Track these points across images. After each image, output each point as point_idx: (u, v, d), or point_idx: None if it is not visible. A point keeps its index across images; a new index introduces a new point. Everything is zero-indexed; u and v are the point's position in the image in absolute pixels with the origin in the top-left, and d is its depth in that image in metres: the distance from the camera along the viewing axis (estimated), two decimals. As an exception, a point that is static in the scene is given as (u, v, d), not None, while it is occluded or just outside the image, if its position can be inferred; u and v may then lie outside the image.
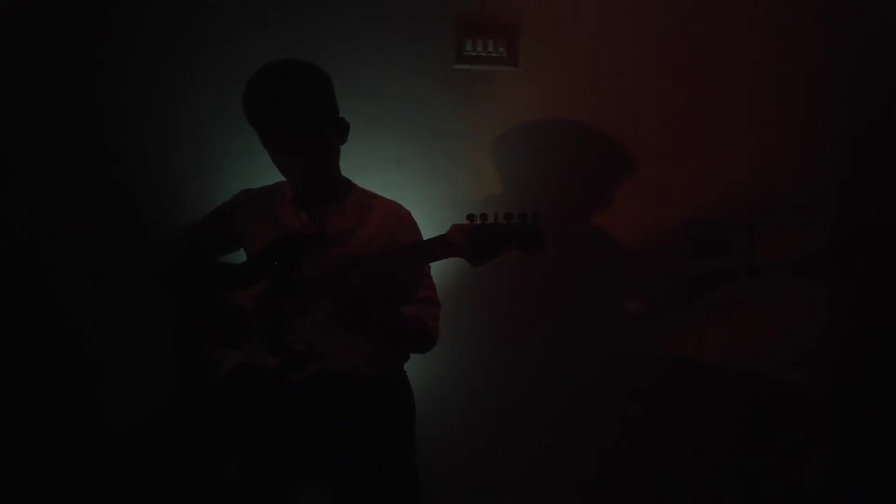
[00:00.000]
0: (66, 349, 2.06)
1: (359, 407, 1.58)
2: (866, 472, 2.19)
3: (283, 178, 1.73)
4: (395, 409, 1.66)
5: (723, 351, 2.18)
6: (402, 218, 1.73)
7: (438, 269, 1.72)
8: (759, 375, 2.20)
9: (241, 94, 1.56)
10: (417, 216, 1.76)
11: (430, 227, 1.73)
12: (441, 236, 1.41)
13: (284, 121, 1.54)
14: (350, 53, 1.88)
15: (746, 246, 2.17)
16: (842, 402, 2.21)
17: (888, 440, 2.16)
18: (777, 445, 2.21)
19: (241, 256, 1.73)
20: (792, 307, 2.18)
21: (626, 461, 2.20)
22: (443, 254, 1.41)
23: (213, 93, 2.04)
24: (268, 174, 1.75)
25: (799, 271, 2.19)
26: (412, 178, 2.07)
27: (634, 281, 2.20)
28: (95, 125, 2.04)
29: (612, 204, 2.16)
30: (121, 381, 2.03)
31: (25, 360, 2.05)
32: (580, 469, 2.20)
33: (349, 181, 1.74)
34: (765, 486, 2.21)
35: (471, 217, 1.35)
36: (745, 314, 2.17)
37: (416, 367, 1.75)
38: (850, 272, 2.19)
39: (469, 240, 1.36)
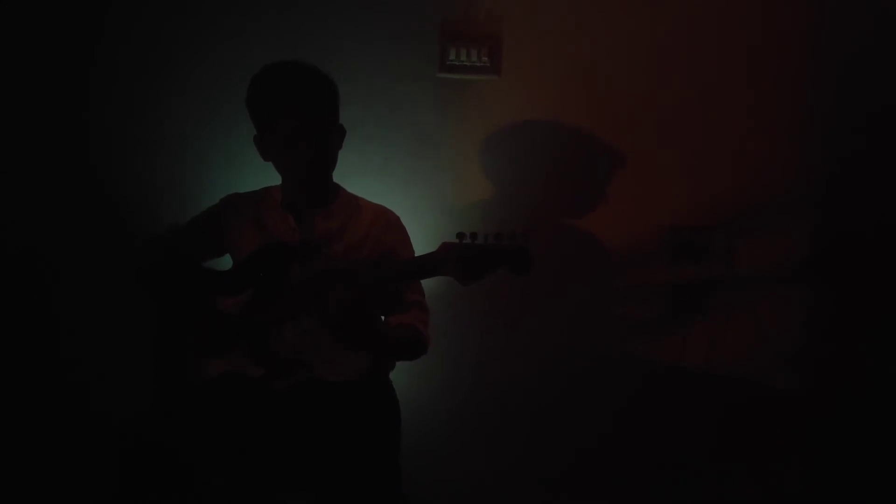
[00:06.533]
0: (54, 350, 2.06)
1: (344, 414, 1.60)
2: (849, 474, 2.22)
3: (270, 185, 1.75)
4: (380, 415, 1.67)
5: (706, 355, 2.21)
6: (389, 221, 1.74)
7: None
8: (743, 379, 2.23)
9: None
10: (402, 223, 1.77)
11: (414, 233, 1.77)
12: (430, 254, 1.42)
13: (304, 108, 1.56)
14: (334, 62, 1.87)
15: (730, 251, 2.20)
16: (825, 406, 2.24)
17: (871, 443, 2.20)
18: (760, 449, 2.25)
19: (226, 261, 1.74)
20: (775, 311, 2.21)
21: (612, 466, 2.23)
22: (431, 271, 1.42)
23: (201, 99, 2.05)
24: (255, 180, 1.77)
25: (782, 276, 2.23)
26: (397, 186, 2.09)
27: (619, 287, 2.23)
28: (84, 128, 2.04)
29: (597, 210, 2.19)
30: (111, 382, 2.03)
31: (13, 360, 2.04)
32: (565, 474, 2.23)
33: (338, 186, 1.75)
34: (747, 489, 2.24)
35: (460, 235, 1.36)
36: (728, 319, 2.20)
37: (401, 373, 1.77)
38: (833, 277, 2.22)
39: (458, 259, 1.36)
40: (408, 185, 2.11)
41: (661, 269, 2.21)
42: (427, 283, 1.74)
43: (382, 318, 1.69)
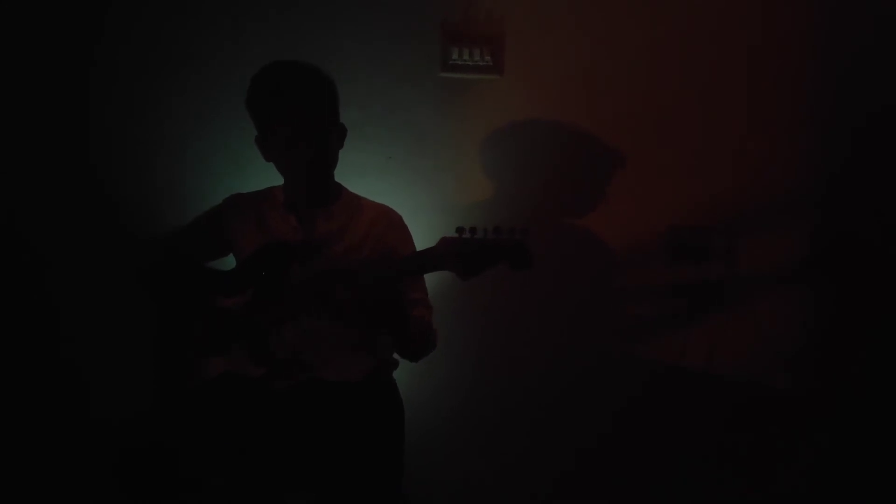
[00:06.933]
0: (54, 350, 2.05)
1: (347, 414, 1.59)
2: (849, 474, 2.22)
3: (272, 185, 1.75)
4: (384, 415, 1.67)
5: (706, 355, 2.21)
6: (391, 220, 1.74)
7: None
8: (743, 380, 2.23)
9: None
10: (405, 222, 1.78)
11: (416, 232, 1.78)
12: (429, 249, 1.42)
13: (304, 109, 1.56)
14: (334, 62, 1.89)
15: (730, 251, 2.21)
16: (825, 406, 2.24)
17: (871, 443, 2.21)
18: (760, 449, 2.25)
19: (228, 261, 1.74)
20: (775, 311, 2.22)
21: (612, 466, 2.23)
22: (431, 267, 1.42)
23: (201, 99, 2.04)
24: (255, 181, 1.78)
25: (782, 276, 2.23)
26: (398, 185, 2.08)
27: (619, 287, 2.23)
28: (84, 128, 2.03)
29: (597, 210, 2.19)
30: (111, 383, 2.02)
31: (13, 360, 2.03)
32: (567, 474, 2.23)
33: (340, 185, 1.75)
34: (747, 489, 2.24)
35: (460, 230, 1.35)
36: (728, 319, 2.21)
37: (401, 371, 1.77)
38: (834, 276, 2.22)
39: (457, 254, 1.36)
40: (409, 184, 2.11)
41: (661, 269, 2.21)
42: (428, 280, 1.75)
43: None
